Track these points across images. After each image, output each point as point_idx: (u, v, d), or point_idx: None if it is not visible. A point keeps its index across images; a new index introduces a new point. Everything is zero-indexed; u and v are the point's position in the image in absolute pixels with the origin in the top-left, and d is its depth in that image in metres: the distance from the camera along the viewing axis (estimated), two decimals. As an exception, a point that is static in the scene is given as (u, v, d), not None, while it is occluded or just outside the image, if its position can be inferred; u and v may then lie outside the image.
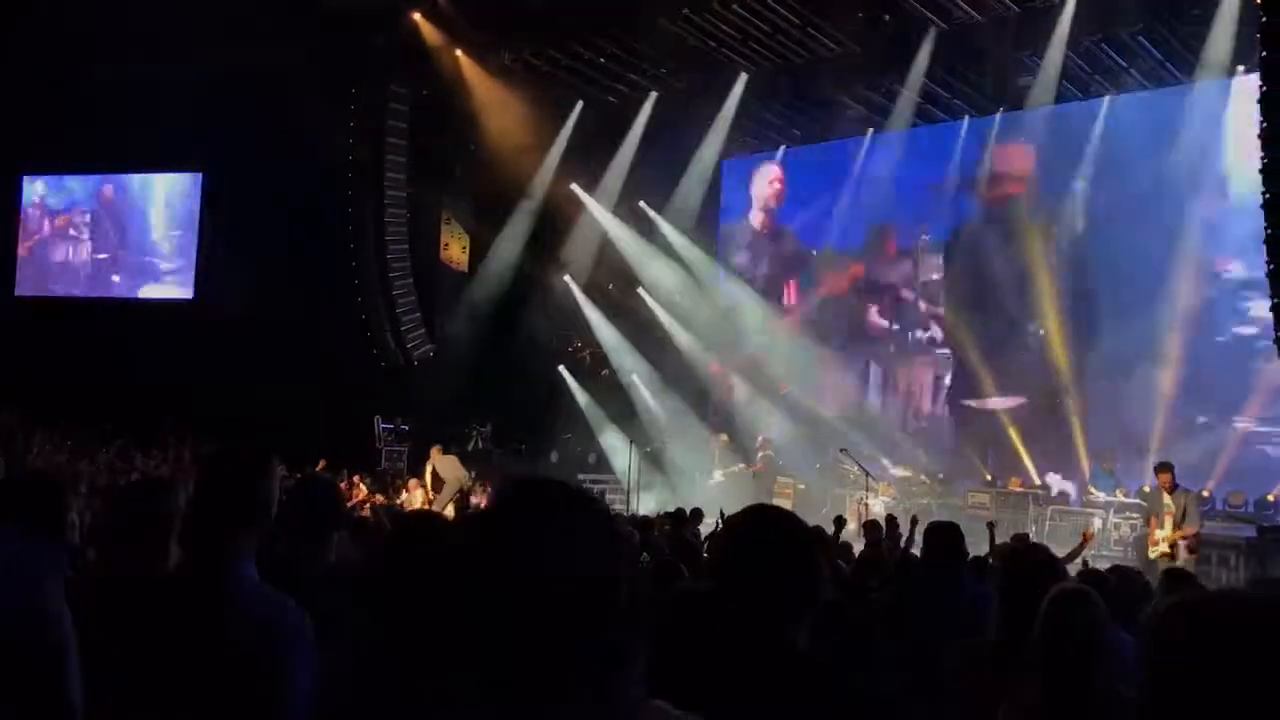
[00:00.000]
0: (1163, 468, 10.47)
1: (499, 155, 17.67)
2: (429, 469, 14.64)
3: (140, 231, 21.53)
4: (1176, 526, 9.96)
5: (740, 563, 2.10)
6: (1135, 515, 13.11)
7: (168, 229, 21.26)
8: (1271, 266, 10.98)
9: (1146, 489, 12.58)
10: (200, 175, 20.85)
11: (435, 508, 13.09)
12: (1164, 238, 15.06)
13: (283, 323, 17.56)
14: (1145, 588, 4.87)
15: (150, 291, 21.27)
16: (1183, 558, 9.69)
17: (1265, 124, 10.86)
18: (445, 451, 15.02)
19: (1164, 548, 9.95)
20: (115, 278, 21.68)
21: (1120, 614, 3.46)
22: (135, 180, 21.67)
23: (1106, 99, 16.28)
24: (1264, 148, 10.88)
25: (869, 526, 9.85)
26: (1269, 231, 10.90)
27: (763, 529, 2.15)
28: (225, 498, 2.38)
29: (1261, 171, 10.93)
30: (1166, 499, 10.16)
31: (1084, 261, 16.51)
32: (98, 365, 18.01)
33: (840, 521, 10.03)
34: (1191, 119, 14.98)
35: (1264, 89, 10.93)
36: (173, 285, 21.02)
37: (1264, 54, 10.99)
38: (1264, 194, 10.90)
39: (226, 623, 2.23)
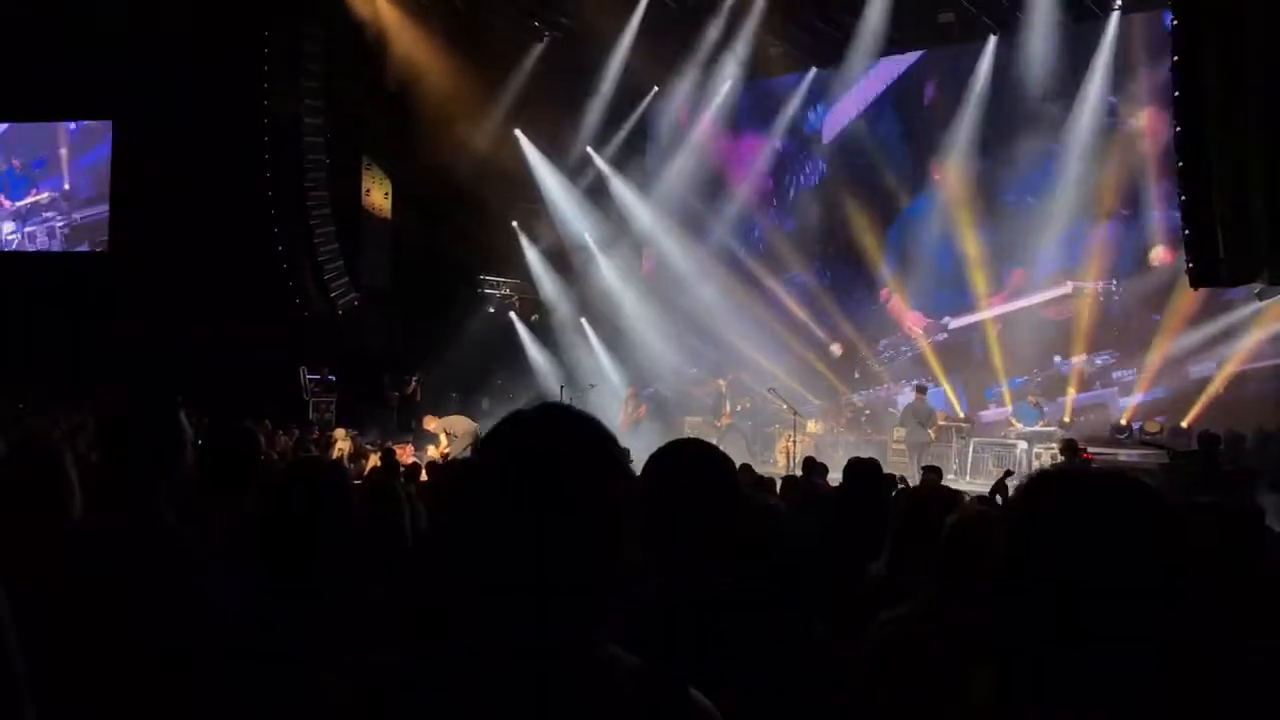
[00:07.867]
0: (919, 389, 15.14)
1: (422, 99, 17.26)
2: (441, 433, 14.52)
3: (51, 181, 20.76)
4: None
5: (659, 495, 1.96)
6: (1054, 445, 13.66)
7: (79, 178, 20.54)
8: (1184, 199, 11.18)
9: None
10: (110, 123, 20.12)
11: (452, 453, 13.50)
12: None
13: (203, 274, 17.15)
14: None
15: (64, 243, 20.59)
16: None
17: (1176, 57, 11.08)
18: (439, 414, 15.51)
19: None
20: (28, 229, 20.92)
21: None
22: (44, 128, 20.85)
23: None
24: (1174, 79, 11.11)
25: (807, 464, 9.89)
26: (1181, 164, 11.11)
27: (681, 460, 2.06)
28: (134, 448, 2.37)
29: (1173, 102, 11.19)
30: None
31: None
32: (12, 320, 17.45)
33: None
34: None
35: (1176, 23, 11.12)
36: (87, 236, 20.35)
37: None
38: (1174, 125, 11.11)
39: (153, 566, 2.26)
